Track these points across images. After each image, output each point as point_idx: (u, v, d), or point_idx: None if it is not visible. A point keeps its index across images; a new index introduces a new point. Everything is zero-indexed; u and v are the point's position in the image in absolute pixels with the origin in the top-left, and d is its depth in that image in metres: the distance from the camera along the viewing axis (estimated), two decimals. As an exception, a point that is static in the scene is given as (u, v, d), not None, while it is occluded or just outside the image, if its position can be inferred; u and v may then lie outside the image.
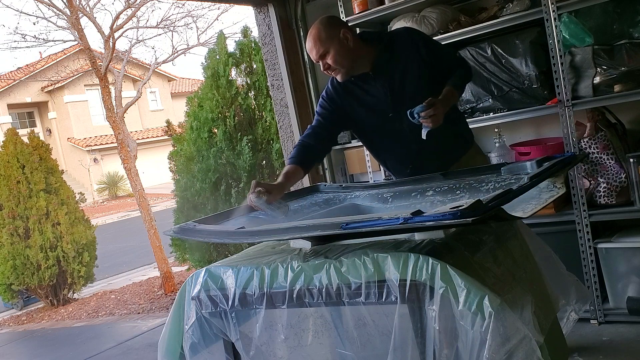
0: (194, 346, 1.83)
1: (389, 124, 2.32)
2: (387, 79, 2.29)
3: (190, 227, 1.92)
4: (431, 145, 2.21)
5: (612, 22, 2.95)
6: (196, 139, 5.60)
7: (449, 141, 2.36)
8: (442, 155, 2.37)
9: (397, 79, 2.28)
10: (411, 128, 2.19)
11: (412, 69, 2.27)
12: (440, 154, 2.36)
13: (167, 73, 25.17)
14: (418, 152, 2.34)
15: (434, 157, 2.35)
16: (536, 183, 1.74)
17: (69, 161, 23.18)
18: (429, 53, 2.29)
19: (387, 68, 2.28)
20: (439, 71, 2.29)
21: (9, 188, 6.91)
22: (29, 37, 9.88)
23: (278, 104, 4.14)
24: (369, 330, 1.59)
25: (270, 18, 3.97)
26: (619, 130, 3.05)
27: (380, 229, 1.49)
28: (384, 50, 2.29)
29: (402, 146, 2.37)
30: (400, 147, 2.38)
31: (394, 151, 2.42)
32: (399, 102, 2.26)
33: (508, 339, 1.36)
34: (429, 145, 2.20)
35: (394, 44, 2.32)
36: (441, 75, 2.28)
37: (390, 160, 2.49)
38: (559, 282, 1.95)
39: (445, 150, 2.37)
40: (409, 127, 2.20)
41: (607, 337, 2.87)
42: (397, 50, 2.30)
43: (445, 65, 2.33)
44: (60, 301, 7.23)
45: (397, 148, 2.40)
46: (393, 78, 2.29)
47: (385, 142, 2.41)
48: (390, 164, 2.51)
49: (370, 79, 2.31)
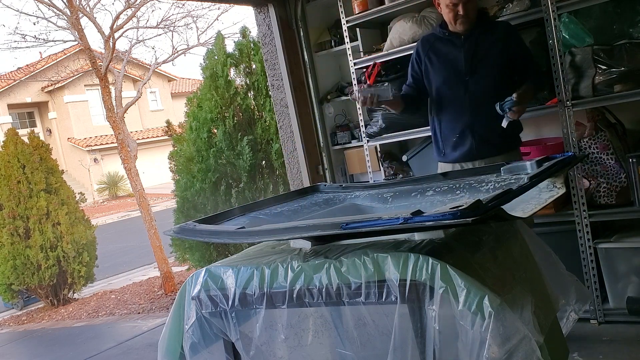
0: (194, 346, 1.83)
1: (455, 88, 2.68)
2: (472, 46, 2.65)
3: (190, 227, 1.92)
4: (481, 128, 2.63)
5: (612, 22, 2.95)
6: (196, 139, 5.60)
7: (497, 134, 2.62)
8: (486, 141, 2.66)
9: (481, 51, 2.65)
10: (470, 100, 2.63)
11: (496, 48, 2.65)
12: (484, 140, 2.66)
13: (167, 73, 25.17)
14: (467, 125, 2.66)
15: (477, 139, 2.66)
16: (536, 183, 1.74)
17: (69, 161, 23.18)
18: (516, 46, 2.69)
19: (477, 38, 2.66)
20: (515, 64, 2.66)
21: (9, 188, 6.91)
22: (29, 37, 9.88)
23: (278, 104, 4.14)
24: (369, 330, 1.59)
25: (270, 18, 3.97)
26: (619, 130, 3.05)
27: (380, 229, 1.49)
28: (482, 23, 2.68)
29: (458, 113, 2.69)
30: (455, 113, 2.70)
31: (450, 115, 2.72)
32: (472, 70, 2.64)
33: (508, 339, 1.36)
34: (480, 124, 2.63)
35: (493, 24, 2.75)
36: (515, 69, 2.66)
37: (444, 123, 2.76)
38: (559, 282, 1.94)
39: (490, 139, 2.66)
40: (470, 99, 2.63)
41: (607, 337, 2.87)
42: (492, 29, 2.70)
43: (521, 62, 2.68)
44: (61, 301, 7.23)
45: (453, 113, 2.71)
46: (478, 47, 2.65)
47: (446, 103, 2.73)
48: (442, 127, 2.77)
49: (459, 40, 2.67)
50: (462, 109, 2.68)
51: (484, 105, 2.61)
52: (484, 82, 2.64)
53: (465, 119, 2.67)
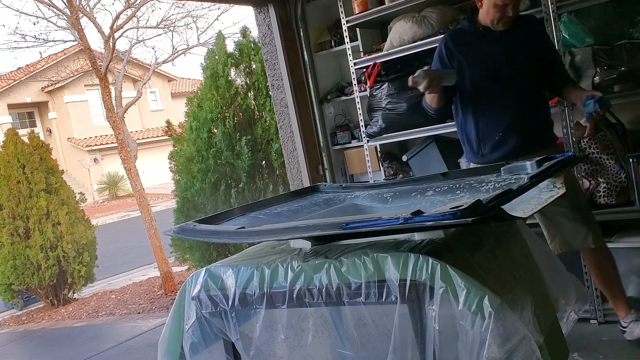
0: (194, 346, 1.83)
1: (496, 85, 2.58)
2: (509, 40, 2.58)
3: (190, 227, 1.91)
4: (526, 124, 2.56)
5: (612, 22, 2.95)
6: (196, 139, 5.60)
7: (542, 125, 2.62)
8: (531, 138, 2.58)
9: (517, 46, 2.59)
10: (514, 97, 2.56)
11: (528, 43, 2.60)
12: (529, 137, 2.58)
13: (167, 73, 25.17)
14: (512, 123, 2.57)
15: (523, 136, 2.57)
16: (536, 183, 1.74)
17: (69, 161, 23.18)
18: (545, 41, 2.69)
19: (513, 32, 2.59)
20: (544, 59, 2.64)
21: (9, 188, 6.91)
22: (29, 37, 9.88)
23: (278, 104, 4.14)
24: (369, 330, 1.59)
25: (270, 18, 3.97)
26: (619, 130, 3.04)
27: (380, 229, 1.49)
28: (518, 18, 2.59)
29: (500, 111, 2.59)
30: (497, 111, 2.60)
31: (491, 113, 2.61)
32: (512, 65, 2.56)
33: (508, 339, 1.36)
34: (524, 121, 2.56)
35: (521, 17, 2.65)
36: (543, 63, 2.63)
37: (483, 122, 2.63)
38: (559, 282, 1.94)
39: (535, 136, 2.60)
40: (513, 95, 2.56)
41: (607, 337, 2.86)
42: (523, 23, 2.63)
43: (549, 56, 2.67)
44: (61, 301, 7.24)
45: (494, 111, 2.60)
46: (515, 42, 2.59)
47: (485, 101, 2.61)
48: (481, 126, 2.63)
49: (493, 35, 2.59)
50: (505, 106, 2.58)
51: (527, 101, 2.57)
52: (525, 77, 2.58)
53: (509, 117, 2.57)
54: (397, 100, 3.46)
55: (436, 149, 3.48)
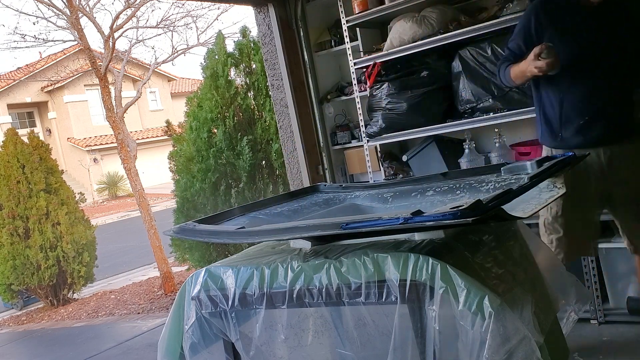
0: (194, 346, 1.83)
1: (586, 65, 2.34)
2: (604, 17, 2.33)
3: (190, 227, 1.92)
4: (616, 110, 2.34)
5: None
6: (196, 139, 5.60)
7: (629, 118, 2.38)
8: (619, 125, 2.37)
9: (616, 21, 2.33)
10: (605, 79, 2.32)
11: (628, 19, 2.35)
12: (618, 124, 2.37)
13: (167, 73, 25.16)
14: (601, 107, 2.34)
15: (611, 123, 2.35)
16: (536, 183, 1.74)
17: (69, 161, 23.18)
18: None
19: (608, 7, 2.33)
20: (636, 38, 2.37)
21: (9, 188, 6.91)
22: (29, 37, 9.89)
23: (278, 104, 4.14)
24: (369, 330, 1.59)
25: (270, 18, 3.96)
26: None
27: (380, 229, 1.49)
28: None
29: (588, 93, 2.35)
30: (585, 93, 2.35)
31: (577, 95, 2.37)
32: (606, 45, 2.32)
33: (508, 339, 1.36)
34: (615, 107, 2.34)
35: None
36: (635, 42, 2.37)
37: (568, 103, 2.38)
38: (559, 282, 1.95)
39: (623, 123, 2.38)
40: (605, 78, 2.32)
41: (607, 337, 2.86)
42: None
43: None
44: (60, 301, 7.23)
45: (582, 93, 2.36)
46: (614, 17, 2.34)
47: (572, 82, 2.36)
48: (566, 106, 2.39)
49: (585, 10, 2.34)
50: (594, 89, 2.34)
51: (620, 86, 2.36)
52: (621, 58, 2.34)
53: (598, 101, 2.34)
54: (397, 100, 3.46)
55: (436, 149, 3.47)
